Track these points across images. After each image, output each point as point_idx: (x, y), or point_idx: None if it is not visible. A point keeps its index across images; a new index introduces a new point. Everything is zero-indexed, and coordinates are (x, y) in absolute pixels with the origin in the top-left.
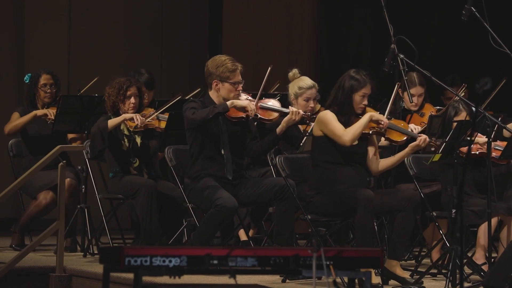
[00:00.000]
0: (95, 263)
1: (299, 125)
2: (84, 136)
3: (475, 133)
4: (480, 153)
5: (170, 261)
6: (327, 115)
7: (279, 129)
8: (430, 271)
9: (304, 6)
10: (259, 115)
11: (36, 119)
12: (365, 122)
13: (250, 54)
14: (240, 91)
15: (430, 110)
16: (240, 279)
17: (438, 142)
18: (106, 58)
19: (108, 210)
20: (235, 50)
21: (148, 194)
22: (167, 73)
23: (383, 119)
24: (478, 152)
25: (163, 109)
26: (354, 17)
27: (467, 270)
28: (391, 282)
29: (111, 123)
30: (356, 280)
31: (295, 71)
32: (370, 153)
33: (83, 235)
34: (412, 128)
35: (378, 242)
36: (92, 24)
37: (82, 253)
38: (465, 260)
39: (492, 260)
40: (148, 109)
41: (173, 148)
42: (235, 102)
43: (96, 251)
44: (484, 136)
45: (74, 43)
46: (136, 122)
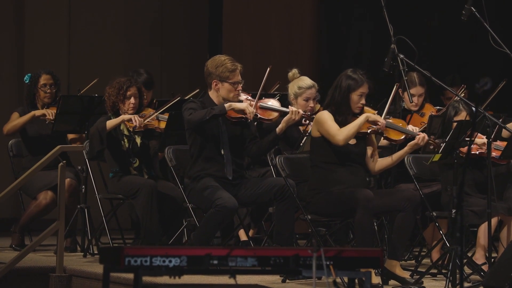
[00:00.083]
0: (95, 263)
1: (299, 126)
2: (83, 136)
3: (475, 133)
4: (480, 153)
5: (170, 261)
6: (324, 115)
7: (278, 128)
8: (430, 271)
9: (304, 6)
10: (259, 115)
11: (36, 119)
12: (360, 122)
13: (250, 54)
14: (240, 91)
15: (430, 110)
16: (240, 279)
17: (437, 141)
18: (106, 58)
19: (108, 210)
20: (235, 50)
21: (148, 194)
22: (167, 73)
23: (380, 119)
24: (478, 152)
25: (162, 109)
26: (354, 17)
27: (467, 270)
28: (391, 282)
29: (109, 124)
30: (356, 280)
31: (295, 71)
32: (369, 152)
33: (83, 235)
34: (411, 129)
35: (378, 242)
36: (92, 24)
37: (82, 253)
38: (465, 260)
39: (492, 260)
40: (148, 109)
41: (173, 148)
42: (233, 105)
43: (96, 251)
44: (484, 136)
45: (74, 43)
46: (134, 123)
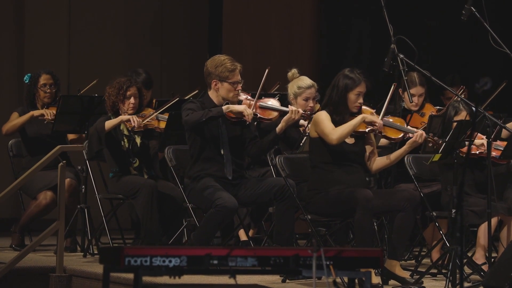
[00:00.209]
0: (95, 263)
1: (299, 127)
2: (83, 136)
3: (475, 133)
4: (480, 153)
5: (170, 261)
6: (321, 116)
7: (278, 128)
8: (430, 271)
9: (304, 6)
10: (259, 115)
11: (36, 120)
12: (355, 123)
13: (250, 54)
14: (240, 91)
15: (431, 110)
16: (240, 279)
17: (436, 138)
18: (106, 58)
19: (108, 210)
20: (235, 50)
21: (148, 194)
22: (167, 73)
23: (377, 120)
24: (478, 152)
25: (161, 110)
26: (354, 17)
27: (467, 270)
28: (391, 282)
29: (108, 124)
30: (356, 280)
31: (294, 71)
32: (368, 151)
33: (83, 235)
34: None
35: (378, 242)
36: (92, 24)
37: (82, 253)
38: (465, 260)
39: (492, 260)
40: (148, 109)
41: (173, 148)
42: (231, 107)
43: (96, 251)
44: (484, 136)
45: (74, 43)
46: (133, 123)
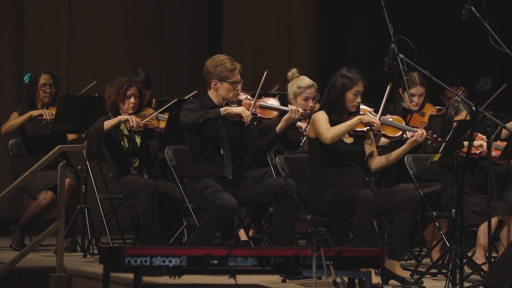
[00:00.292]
0: (95, 263)
1: (298, 128)
2: (83, 136)
3: (475, 133)
4: (480, 153)
5: (170, 261)
6: (318, 116)
7: (278, 127)
8: (430, 271)
9: (304, 6)
10: (259, 114)
11: (35, 120)
12: (351, 123)
13: (250, 54)
14: (239, 91)
15: (431, 110)
16: (240, 279)
17: (435, 135)
18: (106, 58)
19: (108, 210)
20: (235, 50)
21: (148, 194)
22: (167, 73)
23: (374, 121)
24: (478, 152)
25: (161, 110)
26: (354, 17)
27: (467, 270)
28: (391, 282)
29: (107, 124)
30: (356, 280)
31: (294, 70)
32: (368, 150)
33: (83, 235)
34: None
35: (378, 242)
36: (92, 24)
37: (82, 253)
38: (465, 260)
39: (492, 260)
40: (148, 109)
41: (173, 148)
42: (229, 109)
43: (96, 251)
44: (484, 136)
45: (74, 43)
46: (131, 123)
